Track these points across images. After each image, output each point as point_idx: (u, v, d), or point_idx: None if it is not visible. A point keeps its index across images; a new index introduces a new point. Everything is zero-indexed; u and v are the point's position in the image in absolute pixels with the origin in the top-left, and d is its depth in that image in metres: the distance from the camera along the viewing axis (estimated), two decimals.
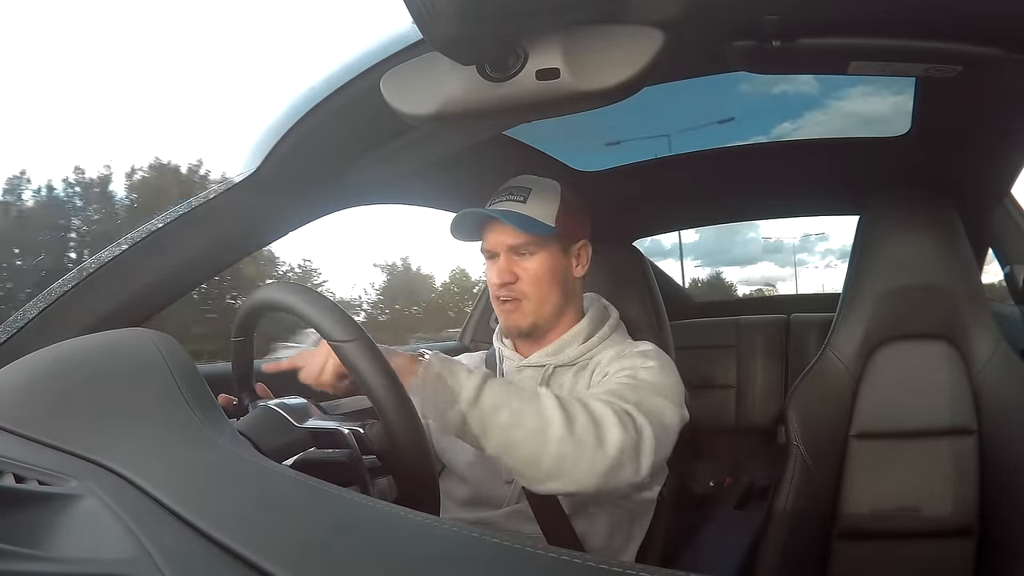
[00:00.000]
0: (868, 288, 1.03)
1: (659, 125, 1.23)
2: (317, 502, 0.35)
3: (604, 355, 0.84)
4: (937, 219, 1.02)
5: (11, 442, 0.44)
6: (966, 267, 1.01)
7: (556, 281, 0.84)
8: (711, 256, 20.93)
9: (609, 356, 0.83)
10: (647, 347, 0.84)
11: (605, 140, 1.24)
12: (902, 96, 0.98)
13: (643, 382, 0.75)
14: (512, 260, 0.83)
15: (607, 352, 0.84)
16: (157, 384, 0.46)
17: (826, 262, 17.34)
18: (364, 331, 0.57)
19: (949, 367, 1.00)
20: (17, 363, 0.57)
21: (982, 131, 0.95)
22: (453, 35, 0.45)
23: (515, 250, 0.83)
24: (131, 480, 0.37)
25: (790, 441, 1.00)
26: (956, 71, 0.63)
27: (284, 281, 1.30)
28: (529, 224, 0.81)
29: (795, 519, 0.97)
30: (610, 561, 0.27)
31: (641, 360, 0.79)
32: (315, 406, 0.67)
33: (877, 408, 1.02)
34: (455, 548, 0.30)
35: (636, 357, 0.80)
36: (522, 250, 0.83)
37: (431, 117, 0.52)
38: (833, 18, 0.58)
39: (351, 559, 0.30)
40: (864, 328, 1.03)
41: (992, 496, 0.95)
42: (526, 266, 0.83)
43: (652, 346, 0.85)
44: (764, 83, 1.12)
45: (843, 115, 1.21)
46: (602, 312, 0.91)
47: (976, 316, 0.99)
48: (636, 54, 0.47)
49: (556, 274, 0.84)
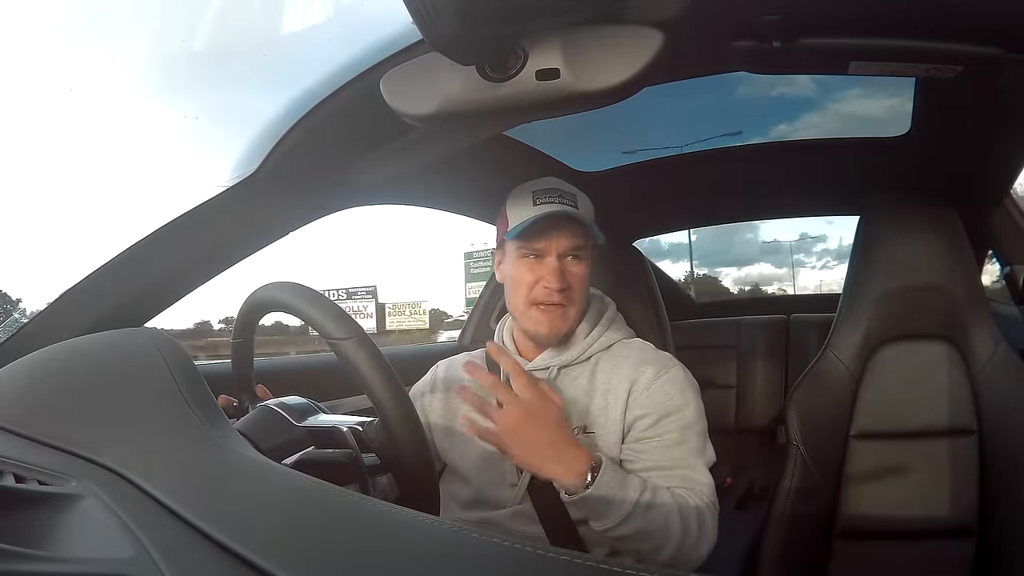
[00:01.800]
0: (868, 288, 1.03)
1: (661, 127, 1.24)
2: (317, 502, 0.35)
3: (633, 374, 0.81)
4: (937, 219, 1.02)
5: (11, 442, 0.44)
6: (966, 267, 1.01)
7: (588, 287, 0.85)
8: (710, 257, 20.98)
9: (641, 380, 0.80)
10: (669, 374, 0.81)
11: (609, 139, 1.24)
12: (899, 98, 0.98)
13: (690, 433, 0.79)
14: (563, 263, 0.81)
15: (623, 365, 0.82)
16: (157, 384, 0.46)
17: (823, 263, 17.33)
18: (363, 329, 0.57)
19: (949, 367, 1.00)
20: (17, 363, 0.57)
21: (982, 131, 0.95)
22: (453, 35, 0.44)
23: (571, 252, 0.81)
24: (131, 480, 0.37)
25: (790, 441, 1.00)
26: (956, 71, 0.63)
27: (283, 280, 1.29)
28: (593, 231, 0.80)
29: (795, 519, 0.97)
30: (611, 561, 0.27)
31: (679, 400, 0.80)
32: (315, 405, 0.67)
33: (877, 408, 1.02)
34: (456, 548, 0.30)
35: (670, 396, 0.80)
36: (577, 254, 0.81)
37: (431, 117, 0.52)
38: (833, 18, 0.58)
39: (351, 559, 0.30)
40: (864, 328, 1.03)
41: (992, 496, 0.95)
42: (576, 271, 0.81)
43: (672, 369, 0.82)
44: (764, 84, 1.12)
45: (842, 116, 1.22)
46: (599, 306, 0.90)
47: (976, 316, 0.99)
48: (636, 54, 0.47)
49: (589, 280, 0.84)
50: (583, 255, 0.82)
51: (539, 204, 0.81)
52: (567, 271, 0.81)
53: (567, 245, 0.81)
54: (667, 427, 0.78)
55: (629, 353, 0.85)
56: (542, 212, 0.79)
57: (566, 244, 0.81)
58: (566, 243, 0.81)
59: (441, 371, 0.94)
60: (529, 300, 0.82)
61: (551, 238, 0.80)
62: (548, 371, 0.84)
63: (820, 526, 1.01)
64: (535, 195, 0.82)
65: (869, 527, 1.00)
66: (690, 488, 0.77)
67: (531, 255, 0.82)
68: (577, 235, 0.81)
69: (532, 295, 0.81)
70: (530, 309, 0.82)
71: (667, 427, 0.78)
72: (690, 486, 0.77)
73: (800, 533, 0.98)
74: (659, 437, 0.78)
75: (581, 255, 0.82)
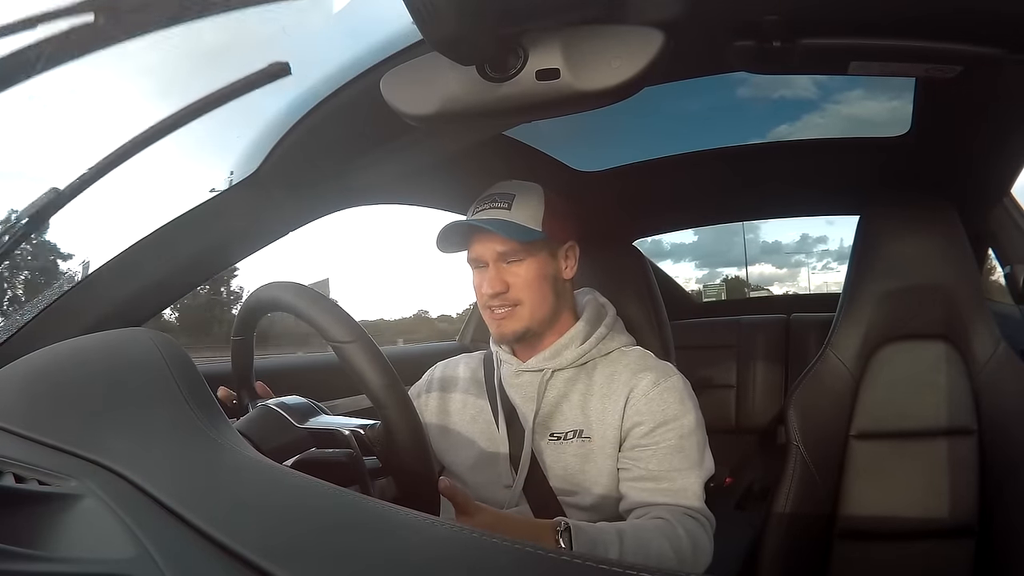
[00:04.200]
0: (868, 288, 1.03)
1: (662, 127, 1.24)
2: (317, 502, 0.35)
3: (632, 380, 0.81)
4: (937, 219, 1.02)
5: (11, 442, 0.44)
6: (966, 267, 1.01)
7: (547, 285, 0.83)
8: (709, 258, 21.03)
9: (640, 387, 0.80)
10: (669, 382, 0.81)
11: (608, 139, 1.24)
12: (900, 100, 0.98)
13: (687, 442, 0.78)
14: (501, 268, 0.82)
15: (623, 371, 0.82)
16: (157, 384, 0.46)
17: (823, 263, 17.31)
18: (364, 331, 0.57)
19: (949, 367, 1.00)
20: (17, 363, 0.57)
21: (982, 131, 0.95)
22: (453, 35, 0.44)
23: (504, 257, 0.81)
24: (131, 480, 0.37)
25: (790, 441, 1.00)
26: (956, 71, 0.63)
27: (286, 281, 1.29)
28: (516, 231, 0.79)
29: (795, 519, 0.97)
30: (610, 561, 0.27)
31: (677, 408, 0.79)
32: (315, 406, 0.67)
33: (877, 408, 1.02)
34: (455, 548, 0.30)
35: (668, 404, 0.79)
36: (511, 257, 0.81)
37: (431, 117, 0.52)
38: (833, 18, 0.58)
39: (351, 559, 0.30)
40: (864, 328, 1.03)
41: (992, 496, 0.95)
42: (517, 272, 0.82)
43: (672, 378, 0.82)
44: (764, 86, 1.12)
45: (843, 119, 1.22)
46: (598, 311, 0.89)
47: (976, 316, 0.99)
48: (636, 54, 0.47)
49: (547, 278, 0.83)
50: (521, 256, 0.81)
51: (475, 213, 0.83)
52: (505, 275, 0.81)
53: (498, 250, 0.81)
54: (664, 435, 0.78)
55: (629, 360, 0.84)
56: (455, 225, 0.81)
57: (498, 249, 0.81)
58: (498, 248, 0.81)
59: (438, 372, 0.94)
60: (481, 306, 0.85)
61: (477, 245, 0.82)
62: (542, 373, 0.84)
63: (820, 526, 1.01)
64: (477, 203, 0.84)
65: (869, 527, 1.00)
66: (679, 504, 0.75)
67: (474, 265, 0.84)
68: (503, 240, 0.80)
69: (481, 302, 0.85)
70: (484, 313, 0.85)
71: (664, 435, 0.78)
72: (680, 501, 0.75)
73: (800, 533, 0.98)
74: (655, 445, 0.78)
75: (518, 257, 0.81)
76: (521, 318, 0.82)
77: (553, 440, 0.81)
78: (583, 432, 0.80)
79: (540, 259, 0.83)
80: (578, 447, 0.79)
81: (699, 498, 0.77)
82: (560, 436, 0.81)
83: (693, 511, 0.75)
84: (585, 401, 0.82)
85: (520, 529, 0.67)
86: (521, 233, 0.80)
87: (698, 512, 0.76)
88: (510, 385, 0.86)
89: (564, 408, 0.82)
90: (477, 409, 0.87)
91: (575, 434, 0.80)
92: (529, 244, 0.81)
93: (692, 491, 0.76)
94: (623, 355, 0.86)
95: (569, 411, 0.82)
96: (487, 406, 0.87)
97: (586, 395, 0.82)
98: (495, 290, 0.81)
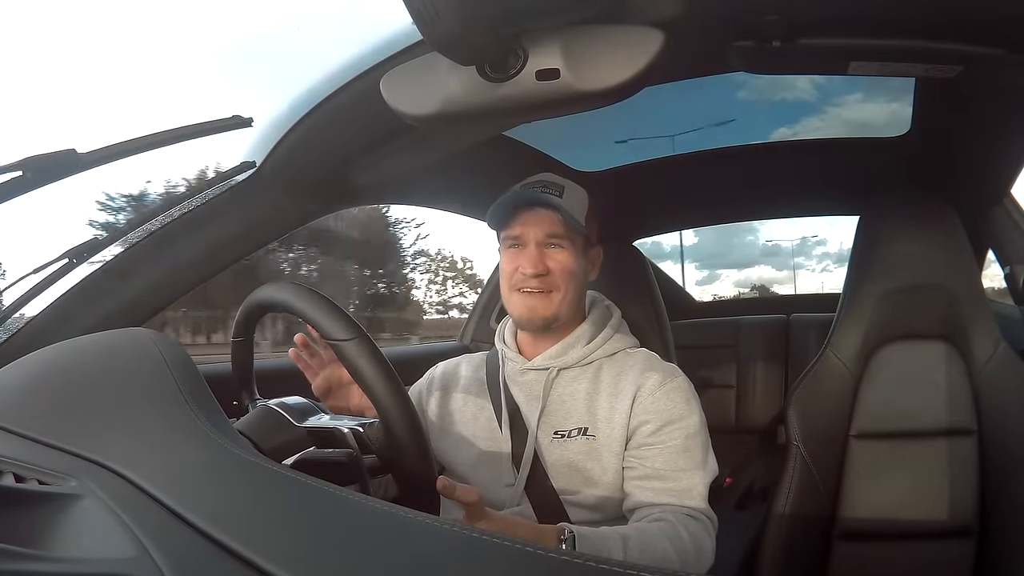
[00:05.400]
0: (868, 288, 1.03)
1: (662, 127, 1.24)
2: (317, 502, 0.35)
3: (639, 379, 0.81)
4: (937, 219, 1.02)
5: (11, 442, 0.44)
6: (966, 267, 1.01)
7: (579, 279, 0.84)
8: (709, 259, 21.13)
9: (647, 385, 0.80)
10: (675, 383, 0.81)
11: (609, 139, 1.24)
12: (899, 103, 0.98)
13: (693, 442, 0.78)
14: (543, 251, 0.82)
15: (630, 371, 0.82)
16: (157, 384, 0.46)
17: (823, 265, 17.40)
18: (364, 330, 0.57)
19: (949, 367, 1.00)
20: (17, 363, 0.57)
21: (982, 131, 0.95)
22: (453, 36, 0.44)
23: (548, 240, 0.82)
24: (131, 480, 0.37)
25: (790, 441, 1.00)
26: (956, 71, 0.63)
27: (284, 280, 1.29)
28: (569, 217, 0.80)
29: (795, 519, 0.97)
30: (610, 561, 0.27)
31: (683, 408, 0.79)
32: (315, 405, 0.67)
33: (877, 408, 1.02)
34: (455, 548, 0.30)
35: (674, 404, 0.79)
36: (556, 242, 0.82)
37: (431, 117, 0.52)
38: (833, 18, 0.58)
39: (351, 559, 0.30)
40: (864, 328, 1.03)
41: (992, 496, 0.95)
42: (558, 258, 0.82)
43: (677, 379, 0.82)
44: (764, 88, 1.12)
45: (843, 120, 1.22)
46: (604, 312, 0.90)
47: (976, 316, 0.99)
48: (636, 54, 0.47)
49: (579, 272, 0.84)
50: (564, 244, 0.82)
51: (520, 192, 0.83)
52: (547, 258, 0.81)
53: (544, 232, 0.81)
54: (670, 434, 0.78)
55: (635, 361, 0.85)
56: (515, 196, 0.81)
57: (543, 231, 0.81)
58: (546, 228, 0.81)
59: (439, 371, 0.94)
60: (511, 287, 0.83)
61: (527, 223, 0.81)
62: (548, 371, 0.84)
63: (820, 526, 1.01)
64: (522, 186, 0.84)
65: (869, 527, 1.00)
66: (683, 504, 0.75)
67: (513, 244, 0.83)
68: (555, 223, 0.81)
69: (513, 281, 0.83)
70: (512, 295, 0.84)
71: (670, 434, 0.78)
72: (685, 501, 0.76)
73: (800, 533, 0.98)
74: (662, 444, 0.78)
75: (562, 244, 0.82)
76: (553, 303, 0.82)
77: (557, 438, 0.81)
78: (588, 430, 0.80)
79: (577, 252, 0.83)
80: (582, 445, 0.79)
81: (703, 499, 0.77)
82: (564, 434, 0.81)
83: (697, 512, 0.75)
84: (591, 399, 0.82)
85: (524, 535, 0.66)
86: (573, 220, 0.81)
87: (702, 513, 0.76)
88: (514, 383, 0.86)
89: (569, 406, 0.82)
90: (478, 408, 0.87)
91: (580, 431, 0.80)
92: (573, 235, 0.82)
93: (697, 491, 0.76)
94: (628, 356, 0.86)
95: (574, 409, 0.82)
96: (489, 405, 0.86)
97: (593, 393, 0.82)
98: (537, 270, 0.80)
